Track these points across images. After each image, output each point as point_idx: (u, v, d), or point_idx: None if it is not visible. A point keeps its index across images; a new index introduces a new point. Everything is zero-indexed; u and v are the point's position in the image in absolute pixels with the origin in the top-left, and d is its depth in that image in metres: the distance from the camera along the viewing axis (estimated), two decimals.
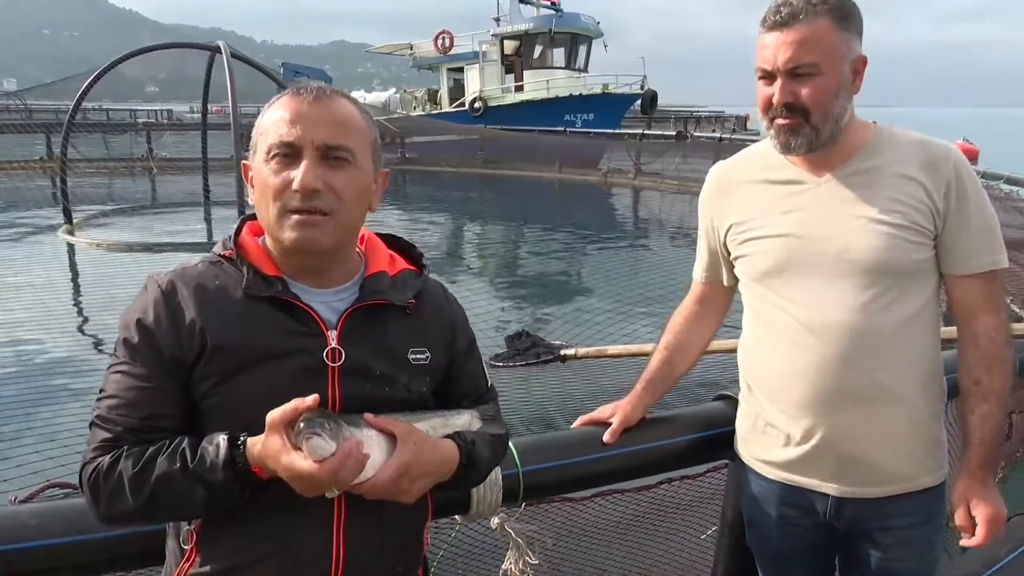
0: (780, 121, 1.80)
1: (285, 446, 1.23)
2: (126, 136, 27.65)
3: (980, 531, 1.83)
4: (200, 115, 18.75)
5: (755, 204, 1.94)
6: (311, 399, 1.24)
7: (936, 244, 1.82)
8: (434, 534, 2.37)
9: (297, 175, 1.34)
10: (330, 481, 1.23)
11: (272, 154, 1.36)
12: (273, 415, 1.24)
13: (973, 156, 22.68)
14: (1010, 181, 9.37)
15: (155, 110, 51.24)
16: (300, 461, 1.21)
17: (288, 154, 1.36)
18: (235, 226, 1.50)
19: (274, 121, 1.38)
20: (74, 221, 13.81)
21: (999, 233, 1.86)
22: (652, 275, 10.63)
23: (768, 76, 1.79)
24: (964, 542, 1.88)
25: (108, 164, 22.95)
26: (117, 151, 25.33)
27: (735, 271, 2.05)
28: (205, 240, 12.98)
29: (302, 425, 1.22)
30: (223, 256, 1.44)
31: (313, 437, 1.21)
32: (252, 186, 1.44)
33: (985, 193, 1.85)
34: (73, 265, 11.69)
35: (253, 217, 1.51)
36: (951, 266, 1.84)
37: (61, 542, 1.50)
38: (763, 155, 1.95)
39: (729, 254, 2.04)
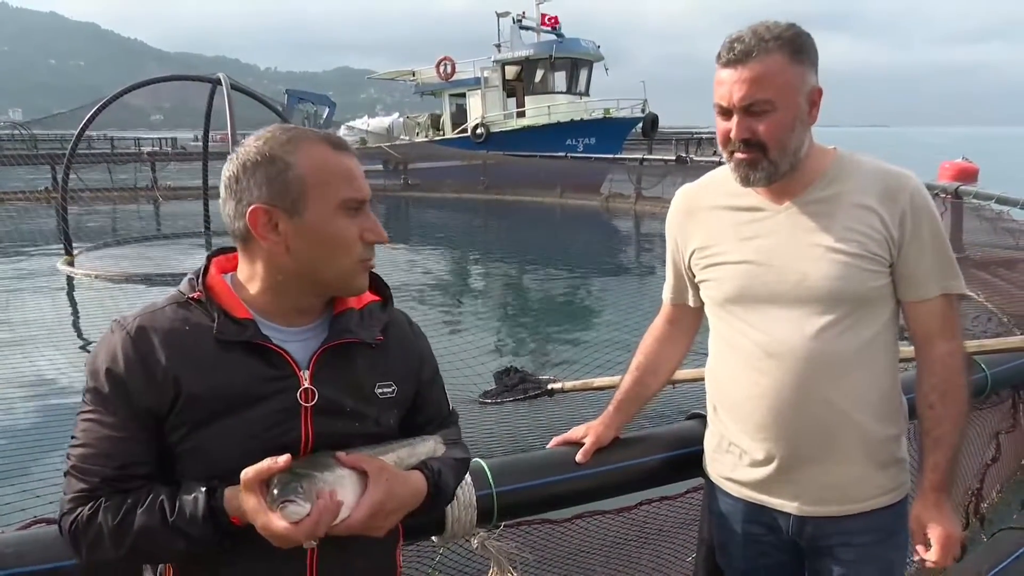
0: (739, 155, 1.83)
1: (261, 506, 1.26)
2: (130, 165, 27.82)
3: (934, 551, 1.85)
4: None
5: (717, 230, 1.98)
6: (283, 460, 1.26)
7: (892, 271, 1.86)
8: (419, 557, 2.39)
9: (376, 228, 1.44)
10: (307, 539, 1.26)
11: (347, 207, 1.41)
12: (247, 475, 1.26)
13: (973, 175, 22.51)
14: (1001, 201, 9.36)
15: (159, 138, 51.55)
16: (277, 522, 1.24)
17: (358, 208, 1.43)
18: (202, 265, 1.49)
19: (338, 174, 1.42)
20: (74, 252, 13.85)
21: (954, 259, 1.89)
22: (649, 303, 10.63)
23: (725, 112, 1.82)
24: (925, 555, 1.89)
25: (113, 194, 23.06)
26: (122, 180, 25.47)
27: (700, 295, 2.09)
28: None
29: (276, 492, 1.25)
30: (192, 299, 1.43)
31: (288, 505, 1.24)
32: (275, 231, 1.39)
33: (940, 221, 1.89)
34: (71, 296, 11.69)
35: (218, 254, 1.52)
36: (907, 293, 1.88)
37: (39, 569, 1.52)
38: (727, 179, 1.97)
39: (694, 277, 2.08)
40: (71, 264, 13.28)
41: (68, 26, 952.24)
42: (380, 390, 1.49)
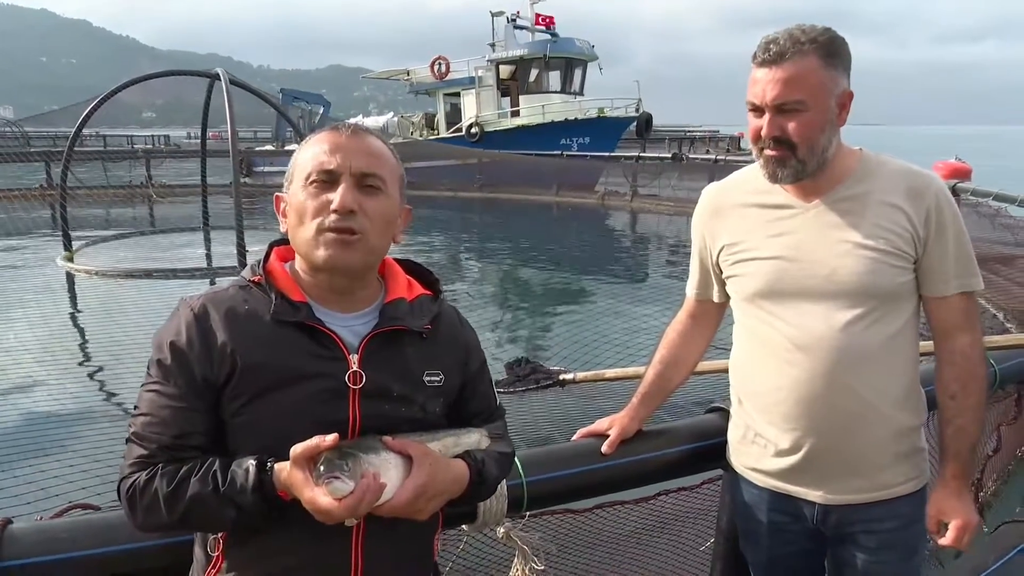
0: (768, 152, 1.89)
1: (307, 481, 1.31)
2: (124, 163, 27.72)
3: (951, 535, 1.93)
4: (198, 140, 18.75)
5: (746, 226, 2.04)
6: (331, 438, 1.32)
7: (916, 268, 1.92)
8: (444, 545, 2.44)
9: (335, 197, 1.45)
10: (349, 515, 1.31)
11: (311, 180, 1.47)
12: (296, 451, 1.32)
13: (965, 174, 22.75)
14: (999, 198, 9.46)
15: (152, 136, 51.25)
16: (321, 497, 1.30)
17: (327, 181, 1.47)
18: (263, 253, 1.59)
19: (314, 153, 1.49)
20: (73, 248, 13.80)
21: (974, 258, 1.96)
22: (649, 297, 10.70)
23: (757, 110, 1.89)
24: (940, 541, 1.97)
25: (107, 192, 22.95)
26: (116, 178, 25.37)
27: (727, 289, 2.15)
28: (204, 266, 12.95)
29: (322, 468, 1.30)
30: (252, 281, 1.52)
31: (333, 481, 1.29)
32: (284, 216, 1.54)
33: (962, 220, 1.95)
34: (72, 292, 11.67)
35: (279, 244, 1.60)
36: (930, 288, 1.94)
37: (91, 554, 1.58)
38: (754, 178, 2.03)
39: (722, 273, 2.13)
40: (71, 260, 13.22)
41: (59, 23, 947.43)
42: (428, 378, 1.54)
